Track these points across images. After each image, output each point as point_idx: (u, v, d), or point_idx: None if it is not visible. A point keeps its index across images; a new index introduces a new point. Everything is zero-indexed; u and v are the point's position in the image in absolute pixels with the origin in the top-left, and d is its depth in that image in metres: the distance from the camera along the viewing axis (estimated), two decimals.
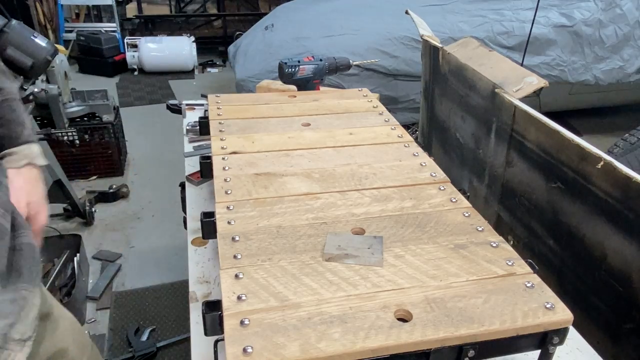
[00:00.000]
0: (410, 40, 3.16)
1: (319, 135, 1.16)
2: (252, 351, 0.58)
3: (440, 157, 1.75)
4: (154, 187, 3.00)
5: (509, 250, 0.78)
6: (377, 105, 1.35)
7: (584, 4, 3.35)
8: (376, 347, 0.60)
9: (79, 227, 2.59)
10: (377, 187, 0.95)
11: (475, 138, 1.48)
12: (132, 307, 2.09)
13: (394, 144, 1.14)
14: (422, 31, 1.79)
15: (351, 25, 3.29)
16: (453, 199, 0.92)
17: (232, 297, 0.67)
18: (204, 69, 5.22)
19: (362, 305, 0.66)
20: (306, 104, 1.35)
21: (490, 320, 0.64)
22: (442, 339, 0.62)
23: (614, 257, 0.97)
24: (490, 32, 3.26)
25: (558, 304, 0.67)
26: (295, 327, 0.62)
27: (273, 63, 1.81)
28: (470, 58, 1.47)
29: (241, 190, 0.92)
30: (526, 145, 1.22)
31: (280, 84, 1.67)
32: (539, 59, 3.30)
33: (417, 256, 0.76)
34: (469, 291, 0.69)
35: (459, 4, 3.39)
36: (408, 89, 3.25)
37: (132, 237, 2.54)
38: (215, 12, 6.31)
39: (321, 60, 1.58)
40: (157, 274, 2.27)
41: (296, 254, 0.76)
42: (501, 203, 1.37)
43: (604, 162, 0.96)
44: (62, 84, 2.69)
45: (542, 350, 0.68)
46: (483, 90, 1.39)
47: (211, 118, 1.23)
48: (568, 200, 1.09)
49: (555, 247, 1.15)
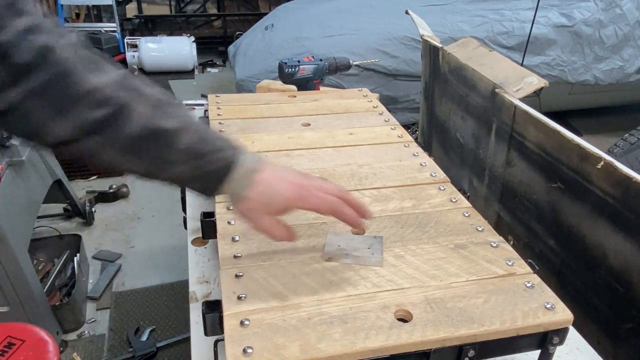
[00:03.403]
0: (410, 40, 3.16)
1: (319, 135, 1.16)
2: (252, 351, 0.58)
3: (440, 157, 1.75)
4: (154, 187, 2.98)
5: (509, 250, 0.78)
6: (377, 105, 1.35)
7: (584, 4, 3.35)
8: (376, 347, 0.60)
9: (79, 227, 2.59)
10: (377, 187, 0.95)
11: (475, 138, 1.48)
12: (132, 307, 2.09)
13: (394, 144, 1.14)
14: (422, 31, 1.79)
15: (351, 25, 3.29)
16: (453, 199, 0.92)
17: (232, 297, 0.67)
18: (204, 69, 5.21)
19: (362, 306, 0.66)
20: (306, 104, 1.35)
21: (490, 321, 0.64)
22: (442, 339, 0.62)
23: (614, 257, 0.97)
24: (490, 32, 3.26)
25: (558, 304, 0.67)
26: (296, 328, 0.62)
27: (273, 63, 1.81)
28: (470, 58, 1.47)
29: None
30: (526, 145, 1.22)
31: (280, 84, 1.67)
32: (539, 59, 3.30)
33: (417, 256, 0.76)
34: (469, 291, 0.69)
35: (459, 4, 3.39)
36: (408, 89, 3.25)
37: (132, 237, 2.54)
38: (215, 12, 6.32)
39: (321, 60, 1.58)
40: (157, 274, 2.27)
41: (296, 254, 0.76)
42: (501, 203, 1.37)
43: (604, 162, 0.96)
44: None
45: (542, 350, 0.68)
46: (483, 90, 1.38)
47: (211, 118, 1.23)
48: (568, 200, 1.09)
49: (555, 247, 1.15)
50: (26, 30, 0.54)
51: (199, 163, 0.62)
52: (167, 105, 0.62)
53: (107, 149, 0.59)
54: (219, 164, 0.63)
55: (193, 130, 0.62)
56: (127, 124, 0.58)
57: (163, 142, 0.60)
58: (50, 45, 0.55)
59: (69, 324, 1.95)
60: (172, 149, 0.61)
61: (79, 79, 0.56)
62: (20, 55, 0.53)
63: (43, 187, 2.15)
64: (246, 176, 0.65)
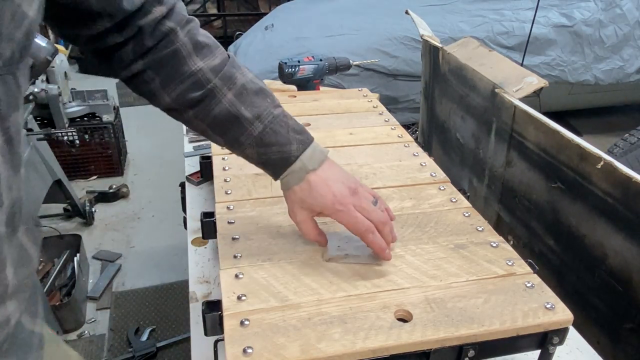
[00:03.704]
0: (410, 40, 3.16)
1: (319, 135, 1.15)
2: (252, 351, 0.58)
3: (440, 157, 1.75)
4: (154, 187, 2.99)
5: (509, 250, 0.78)
6: (377, 105, 1.35)
7: (584, 4, 3.35)
8: (376, 347, 0.60)
9: (79, 227, 2.59)
10: (377, 187, 0.95)
11: (475, 138, 1.48)
12: (132, 307, 2.09)
13: (394, 144, 1.14)
14: (422, 31, 1.79)
15: (351, 25, 3.29)
16: (453, 199, 0.92)
17: (232, 297, 0.67)
18: None
19: (362, 306, 0.66)
20: (306, 104, 1.35)
21: (490, 321, 0.64)
22: (442, 339, 0.62)
23: (614, 257, 0.97)
24: (490, 32, 3.26)
25: (558, 304, 0.68)
26: (296, 328, 0.62)
27: (273, 63, 1.81)
28: (470, 58, 1.47)
29: (241, 190, 0.92)
30: (526, 145, 1.22)
31: (280, 84, 1.67)
32: (539, 59, 3.29)
33: (417, 256, 0.76)
34: (469, 291, 0.69)
35: (459, 4, 3.38)
36: (408, 89, 3.25)
37: (132, 237, 2.54)
38: (215, 12, 6.31)
39: (321, 60, 1.58)
40: (157, 274, 2.27)
41: (296, 254, 0.76)
42: (501, 203, 1.37)
43: (604, 162, 0.96)
44: (62, 84, 2.69)
45: (542, 350, 0.68)
46: (483, 90, 1.39)
47: None
48: (568, 200, 1.09)
49: (555, 247, 1.15)
50: (162, 17, 0.66)
51: (265, 150, 0.71)
52: (253, 95, 0.71)
53: (199, 121, 0.72)
54: (280, 155, 0.71)
55: (268, 121, 0.71)
56: (216, 106, 0.70)
57: (240, 126, 0.70)
58: (174, 29, 0.68)
59: (69, 324, 1.95)
60: (245, 134, 0.71)
61: (188, 60, 0.68)
62: (151, 38, 0.66)
63: (43, 187, 2.15)
64: (299, 172, 0.71)
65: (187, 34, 0.69)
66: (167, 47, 0.68)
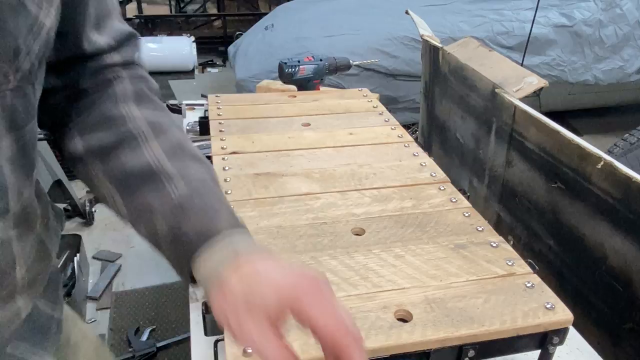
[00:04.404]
0: (410, 40, 3.16)
1: (319, 135, 1.16)
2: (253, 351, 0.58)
3: (440, 157, 1.75)
4: None
5: (509, 250, 0.78)
6: (377, 105, 1.35)
7: (584, 4, 3.35)
8: (376, 347, 0.60)
9: (79, 227, 2.59)
10: (377, 187, 0.95)
11: (475, 138, 1.48)
12: (132, 307, 2.09)
13: (394, 144, 1.14)
14: (422, 31, 1.79)
15: (351, 25, 3.29)
16: (453, 199, 0.92)
17: None
18: (204, 69, 5.21)
19: (362, 306, 0.66)
20: (306, 104, 1.35)
21: (490, 321, 0.64)
22: (442, 339, 0.62)
23: (614, 257, 0.97)
24: (490, 32, 3.26)
25: (558, 304, 0.67)
26: (296, 327, 0.62)
27: (273, 63, 1.81)
28: (470, 58, 1.47)
29: (241, 191, 0.92)
30: (526, 145, 1.22)
31: (280, 84, 1.67)
32: (539, 59, 3.30)
33: (417, 256, 0.76)
34: (469, 291, 0.69)
35: (459, 4, 3.39)
36: (408, 89, 3.25)
37: (132, 237, 2.53)
38: (215, 12, 6.31)
39: (321, 60, 1.57)
40: (157, 274, 2.27)
41: (296, 254, 0.76)
42: (501, 203, 1.37)
43: (604, 162, 0.96)
44: None
45: (542, 350, 0.68)
46: (483, 90, 1.39)
47: (211, 118, 1.23)
48: (568, 200, 1.09)
49: (555, 247, 1.15)
50: (113, 64, 0.58)
51: (181, 219, 0.51)
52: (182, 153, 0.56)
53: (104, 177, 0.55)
54: (202, 226, 0.50)
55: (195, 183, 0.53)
56: (133, 157, 0.54)
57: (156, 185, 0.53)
58: (121, 76, 0.58)
59: None
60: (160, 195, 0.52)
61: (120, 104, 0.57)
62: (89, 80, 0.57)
63: (43, 187, 2.15)
64: (229, 253, 0.48)
65: (135, 82, 0.59)
66: (102, 90, 0.57)
